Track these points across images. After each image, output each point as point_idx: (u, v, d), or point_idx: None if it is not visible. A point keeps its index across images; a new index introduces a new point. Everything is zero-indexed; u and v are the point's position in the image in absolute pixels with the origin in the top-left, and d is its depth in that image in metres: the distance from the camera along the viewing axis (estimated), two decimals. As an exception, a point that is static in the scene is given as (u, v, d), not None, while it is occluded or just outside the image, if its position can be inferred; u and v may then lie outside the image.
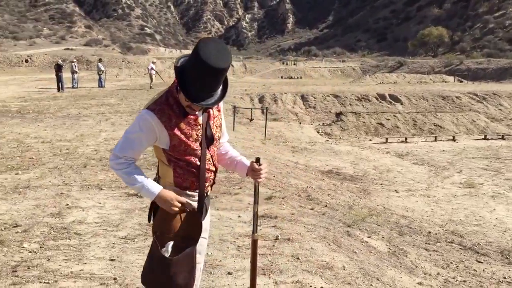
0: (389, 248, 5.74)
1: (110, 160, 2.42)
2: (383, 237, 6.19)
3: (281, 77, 53.68)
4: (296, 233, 5.21)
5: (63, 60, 38.43)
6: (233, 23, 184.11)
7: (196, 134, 2.44)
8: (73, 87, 28.20)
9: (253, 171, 2.56)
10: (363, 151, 14.76)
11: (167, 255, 2.32)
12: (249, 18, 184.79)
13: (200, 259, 2.67)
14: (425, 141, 17.02)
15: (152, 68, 29.65)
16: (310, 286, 3.91)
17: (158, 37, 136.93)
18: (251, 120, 16.23)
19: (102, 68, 29.98)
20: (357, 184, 10.31)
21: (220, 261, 4.38)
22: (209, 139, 2.49)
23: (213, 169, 2.56)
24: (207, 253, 4.52)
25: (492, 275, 5.63)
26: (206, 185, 2.55)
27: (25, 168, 7.99)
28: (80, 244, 4.72)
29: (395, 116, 18.73)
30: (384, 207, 8.43)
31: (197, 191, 2.48)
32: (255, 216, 2.62)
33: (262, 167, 2.56)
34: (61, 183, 7.05)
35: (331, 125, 18.31)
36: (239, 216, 5.73)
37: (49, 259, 4.31)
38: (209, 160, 2.51)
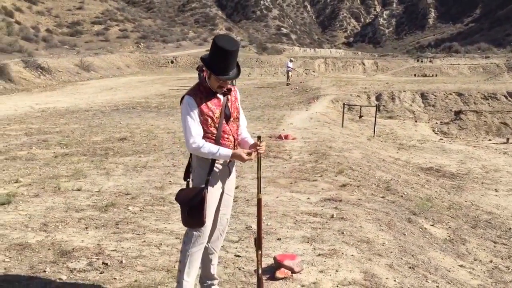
0: (449, 236, 6.03)
1: (188, 147, 3.28)
2: (449, 227, 6.45)
3: (414, 75, 51.84)
4: (353, 214, 5.81)
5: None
6: (370, 20, 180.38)
7: (219, 112, 3.32)
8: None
9: (254, 146, 3.37)
10: (477, 151, 14.30)
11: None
12: (387, 15, 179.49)
13: (225, 210, 3.54)
14: (554, 142, 15.80)
15: (288, 67, 31.07)
16: (342, 253, 4.56)
17: (293, 36, 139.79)
18: (360, 117, 16.55)
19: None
20: (455, 181, 10.30)
21: (275, 230, 5.19)
22: (227, 116, 3.35)
23: (232, 139, 3.40)
24: (267, 224, 5.38)
25: (559, 271, 5.61)
26: None
27: (147, 153, 9.56)
28: (170, 210, 5.88)
29: (522, 115, 17.58)
30: (472, 203, 8.46)
31: None
32: (259, 180, 3.43)
33: (262, 143, 3.36)
34: (171, 165, 8.41)
35: (448, 124, 17.82)
36: (308, 198, 6.47)
37: (143, 219, 5.53)
38: (228, 132, 3.37)
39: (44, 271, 4.09)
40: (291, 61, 33.52)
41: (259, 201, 3.41)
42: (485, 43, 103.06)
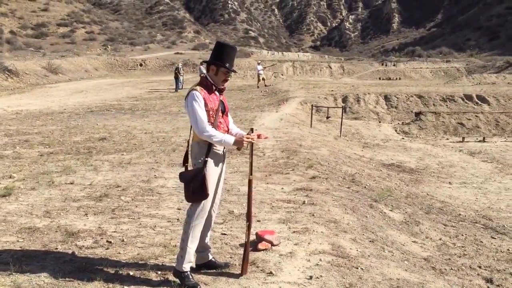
0: (405, 219, 6.89)
1: (200, 133, 3.89)
2: (406, 212, 7.31)
3: (379, 78, 53.49)
4: (322, 200, 6.60)
5: (172, 64, 42.16)
6: (336, 24, 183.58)
7: (217, 106, 4.01)
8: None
9: (245, 137, 4.08)
10: (435, 149, 15.40)
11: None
12: (352, 19, 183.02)
13: (218, 190, 4.22)
14: (505, 141, 17.09)
15: (259, 70, 31.96)
16: (313, 230, 5.32)
17: (261, 40, 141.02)
18: (327, 118, 17.49)
19: (204, 71, 32.68)
20: (413, 175, 11.26)
21: (255, 214, 5.91)
22: (222, 110, 4.06)
23: (226, 129, 4.10)
24: (247, 209, 6.09)
25: (498, 247, 6.51)
26: None
27: (129, 151, 10.14)
28: (159, 199, 6.54)
29: (477, 116, 18.87)
30: (427, 194, 9.40)
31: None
32: (251, 165, 4.14)
33: (253, 134, 4.08)
34: (153, 161, 9.04)
35: (409, 124, 18.96)
36: (282, 188, 7.23)
37: (136, 206, 6.17)
38: (223, 123, 4.07)
39: (56, 248, 4.69)
40: (258, 63, 34.46)
41: (250, 181, 4.14)
42: (446, 47, 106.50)
